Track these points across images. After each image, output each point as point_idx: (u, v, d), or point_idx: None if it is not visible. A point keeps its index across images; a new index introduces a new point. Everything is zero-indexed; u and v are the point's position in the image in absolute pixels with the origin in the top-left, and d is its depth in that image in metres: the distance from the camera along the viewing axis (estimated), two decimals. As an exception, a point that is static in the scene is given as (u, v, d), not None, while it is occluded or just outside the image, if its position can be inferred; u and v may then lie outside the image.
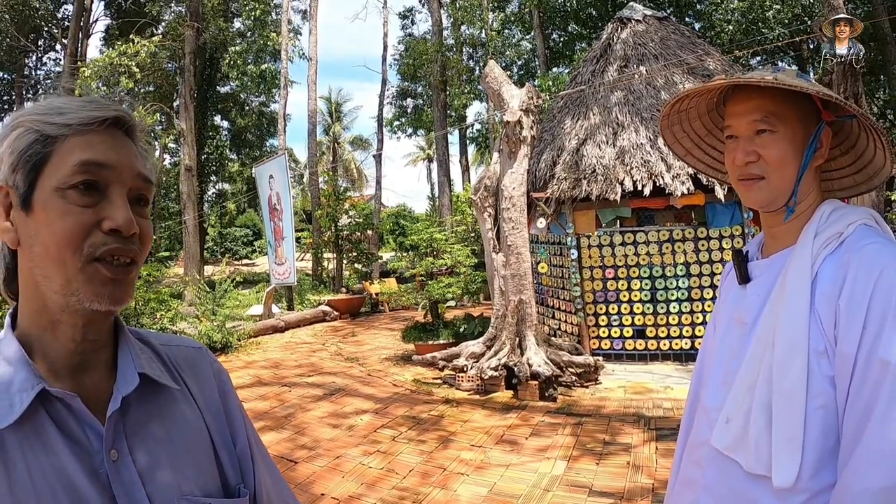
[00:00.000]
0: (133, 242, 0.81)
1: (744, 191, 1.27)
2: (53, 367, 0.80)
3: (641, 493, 4.13)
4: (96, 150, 0.79)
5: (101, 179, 0.78)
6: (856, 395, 1.03)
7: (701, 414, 1.36)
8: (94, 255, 0.77)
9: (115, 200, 0.79)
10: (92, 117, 0.79)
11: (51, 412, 0.77)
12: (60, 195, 0.76)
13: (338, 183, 23.18)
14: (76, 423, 0.78)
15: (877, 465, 0.96)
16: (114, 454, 0.78)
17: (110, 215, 0.78)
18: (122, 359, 0.86)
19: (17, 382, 0.76)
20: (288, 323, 13.85)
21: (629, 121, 8.78)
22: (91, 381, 0.83)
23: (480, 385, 7.19)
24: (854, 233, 1.15)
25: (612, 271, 8.45)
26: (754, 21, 17.58)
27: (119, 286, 0.80)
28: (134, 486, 0.78)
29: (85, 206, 0.77)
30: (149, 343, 0.95)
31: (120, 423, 0.81)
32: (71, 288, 0.77)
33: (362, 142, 45.75)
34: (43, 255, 0.77)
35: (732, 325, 1.33)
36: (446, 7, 23.36)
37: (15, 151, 0.78)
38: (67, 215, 0.76)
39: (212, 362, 1.03)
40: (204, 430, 0.92)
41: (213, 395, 0.98)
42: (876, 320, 1.02)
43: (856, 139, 1.29)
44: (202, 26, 20.70)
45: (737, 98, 1.26)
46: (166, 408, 0.89)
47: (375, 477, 4.71)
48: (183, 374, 0.95)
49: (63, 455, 0.75)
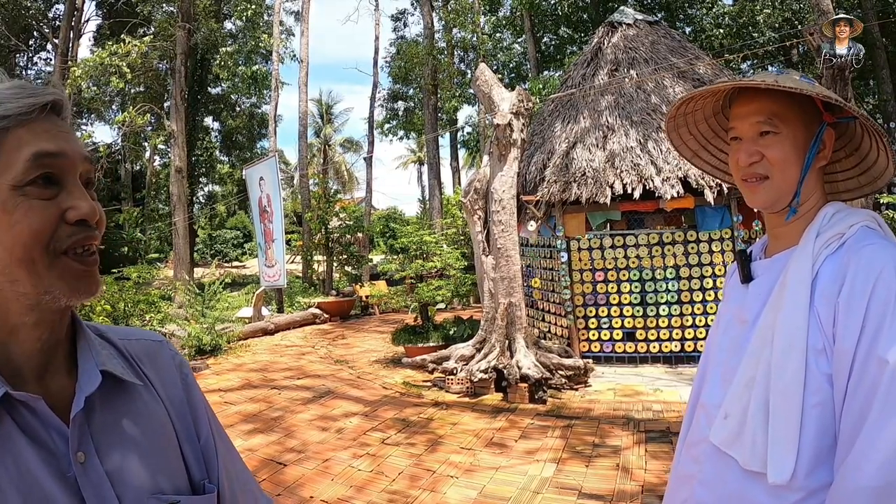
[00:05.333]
0: (96, 229, 0.78)
1: (748, 191, 1.29)
2: (17, 372, 0.77)
3: (630, 496, 4.13)
4: (45, 140, 0.75)
5: (56, 170, 0.75)
6: (853, 393, 1.04)
7: (700, 411, 1.38)
8: (60, 250, 0.74)
9: (73, 190, 0.76)
10: (30, 104, 0.74)
11: (15, 417, 0.74)
12: (20, 192, 0.72)
13: (328, 185, 23.17)
14: (41, 426, 0.75)
15: (874, 463, 0.97)
16: (80, 456, 0.76)
17: (74, 205, 0.75)
18: (83, 357, 0.83)
19: None
20: (277, 325, 13.79)
21: (619, 124, 8.81)
22: (54, 382, 0.80)
23: (470, 388, 7.19)
24: (855, 234, 1.16)
25: (602, 274, 8.46)
26: (744, 25, 17.73)
27: (93, 277, 0.78)
28: (103, 487, 0.76)
29: (47, 198, 0.74)
30: (108, 338, 0.92)
31: (85, 424, 0.79)
32: (43, 286, 0.74)
33: (353, 144, 45.74)
34: (7, 260, 0.72)
35: (734, 322, 1.34)
36: (438, 10, 23.40)
37: None
38: (32, 212, 0.72)
39: (173, 355, 1.00)
40: (169, 425, 0.89)
41: (175, 388, 0.95)
42: (874, 319, 1.03)
43: (860, 141, 1.31)
44: (193, 27, 20.61)
45: (741, 101, 1.28)
46: (131, 405, 0.86)
47: (364, 480, 4.69)
48: (144, 368, 0.92)
49: (29, 459, 0.72)
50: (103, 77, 17.66)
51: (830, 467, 1.08)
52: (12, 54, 25.04)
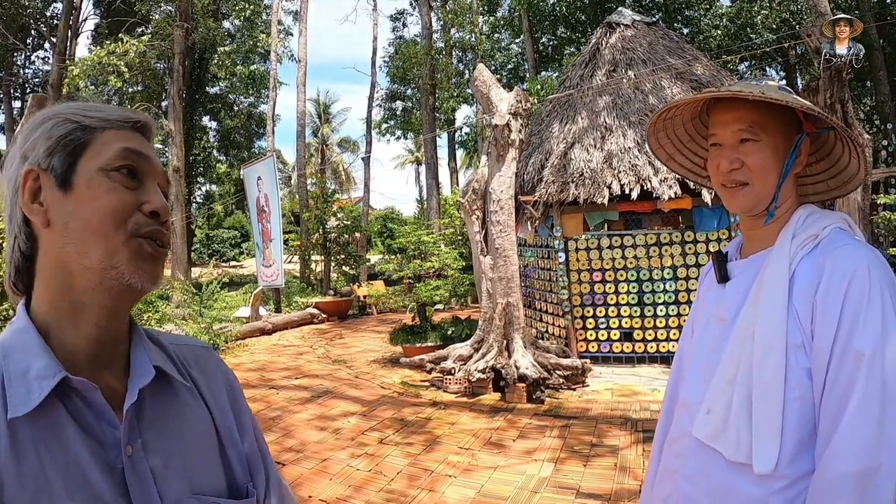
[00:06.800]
0: (167, 228, 0.86)
1: (728, 196, 1.33)
2: (71, 358, 0.79)
3: (628, 495, 4.14)
4: (133, 143, 0.85)
5: (139, 168, 0.85)
6: (832, 385, 1.10)
7: (680, 408, 1.42)
8: (138, 232, 0.81)
9: (150, 189, 0.85)
10: (126, 117, 0.87)
11: (66, 404, 0.76)
12: (105, 175, 0.81)
13: (326, 185, 23.14)
14: (93, 416, 0.78)
15: (853, 451, 1.03)
16: (128, 450, 0.78)
17: (150, 199, 0.84)
18: (136, 353, 0.87)
19: (35, 370, 0.75)
20: (275, 325, 13.78)
21: (617, 125, 8.82)
22: (106, 375, 0.83)
23: (468, 387, 7.19)
24: (829, 235, 1.22)
25: (600, 274, 8.47)
26: (742, 26, 17.76)
27: (158, 265, 0.84)
28: (147, 482, 0.78)
29: (128, 187, 0.82)
30: (158, 342, 0.96)
31: (135, 419, 0.81)
32: (112, 261, 0.79)
33: (351, 144, 45.64)
34: (81, 230, 0.79)
35: (712, 322, 1.38)
36: (436, 10, 23.39)
37: (52, 137, 0.81)
38: (113, 192, 0.81)
39: (218, 362, 1.04)
40: (212, 428, 0.93)
41: (220, 393, 0.99)
42: (850, 315, 1.10)
43: (831, 147, 1.37)
44: (191, 26, 20.57)
45: (722, 108, 1.32)
46: (178, 405, 0.89)
47: (363, 479, 4.70)
48: (192, 372, 0.96)
49: (78, 448, 0.74)
50: (101, 76, 17.60)
51: (810, 456, 1.14)
52: (10, 53, 24.96)
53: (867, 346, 1.06)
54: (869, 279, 1.10)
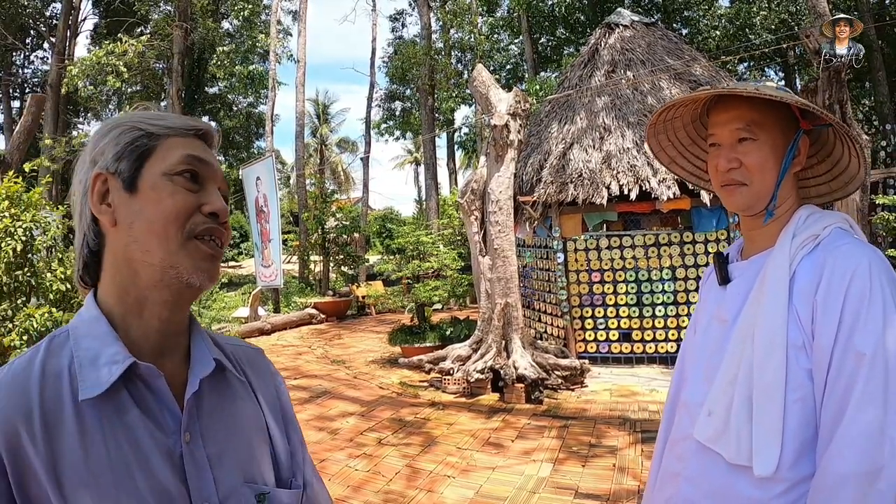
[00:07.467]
0: (225, 228, 0.92)
1: (726, 196, 1.33)
2: (135, 347, 0.85)
3: (627, 496, 4.14)
4: (196, 150, 0.91)
5: (201, 172, 0.90)
6: (833, 385, 1.09)
7: (682, 409, 1.40)
8: (193, 233, 0.87)
9: (211, 191, 0.91)
10: (189, 125, 0.93)
11: (130, 389, 0.82)
12: (169, 179, 0.87)
13: (325, 185, 23.12)
14: (155, 402, 0.83)
15: (855, 451, 1.02)
16: (187, 436, 0.84)
17: (210, 201, 0.89)
18: (196, 347, 0.93)
19: (105, 356, 0.81)
20: (274, 325, 13.77)
21: (616, 125, 8.82)
22: (167, 365, 0.88)
23: (466, 388, 7.19)
24: (829, 235, 1.21)
25: (599, 275, 8.47)
26: (741, 27, 17.78)
27: (215, 263, 0.90)
28: (203, 468, 0.84)
29: (190, 190, 0.88)
30: (214, 338, 1.02)
31: (194, 408, 0.87)
32: (171, 260, 0.85)
33: (349, 144, 45.62)
34: (145, 231, 0.84)
35: (713, 323, 1.38)
36: (436, 11, 23.38)
37: (120, 143, 0.87)
38: (176, 195, 0.86)
39: (268, 364, 1.11)
40: (263, 424, 0.98)
41: (270, 393, 1.05)
42: (851, 315, 1.09)
43: (832, 148, 1.36)
44: (190, 26, 20.55)
45: (720, 108, 1.32)
46: (233, 398, 0.95)
47: (361, 480, 4.70)
48: (245, 370, 1.03)
49: (140, 432, 0.80)
50: (100, 76, 17.59)
51: (813, 458, 1.12)
52: (9, 53, 24.92)
53: (868, 346, 1.05)
54: (870, 278, 1.09)
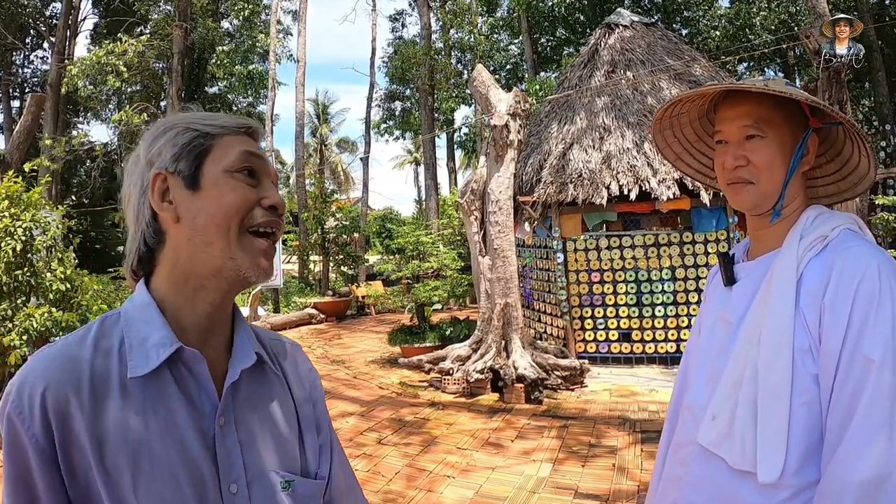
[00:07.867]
0: (282, 220, 0.97)
1: (732, 194, 1.30)
2: (183, 333, 0.90)
3: (626, 496, 4.15)
4: (250, 146, 0.96)
5: (257, 168, 0.95)
6: (840, 391, 1.06)
7: (686, 412, 1.37)
8: (250, 226, 0.92)
9: (267, 186, 0.96)
10: (240, 124, 0.97)
11: (173, 372, 0.87)
12: (230, 175, 0.92)
13: (325, 185, 23.12)
14: (195, 385, 0.89)
15: (861, 458, 0.99)
16: (221, 420, 0.89)
17: (268, 195, 0.95)
18: (239, 337, 0.99)
19: (154, 339, 0.86)
20: (274, 325, 13.75)
21: (616, 125, 8.82)
22: (209, 351, 0.93)
23: (466, 388, 7.19)
24: (838, 236, 1.18)
25: (598, 275, 8.47)
26: (741, 27, 17.77)
27: (269, 259, 0.94)
28: (233, 452, 0.89)
29: (250, 185, 0.93)
30: (255, 331, 1.07)
31: (230, 395, 0.92)
32: (230, 252, 0.90)
33: (349, 144, 45.57)
34: (207, 224, 0.89)
35: (718, 324, 1.34)
36: (436, 11, 23.39)
37: (178, 144, 0.92)
38: (238, 190, 0.91)
39: (305, 360, 1.17)
40: (294, 417, 1.03)
41: (303, 387, 1.10)
42: (859, 319, 1.05)
43: (841, 147, 1.32)
44: (190, 26, 20.53)
45: (728, 104, 1.29)
46: (269, 390, 1.01)
47: (361, 480, 4.68)
48: (282, 364, 1.08)
49: (178, 411, 0.85)
50: (100, 76, 17.59)
51: (818, 465, 1.09)
52: (9, 52, 24.90)
53: (877, 351, 1.02)
54: (879, 281, 1.06)
